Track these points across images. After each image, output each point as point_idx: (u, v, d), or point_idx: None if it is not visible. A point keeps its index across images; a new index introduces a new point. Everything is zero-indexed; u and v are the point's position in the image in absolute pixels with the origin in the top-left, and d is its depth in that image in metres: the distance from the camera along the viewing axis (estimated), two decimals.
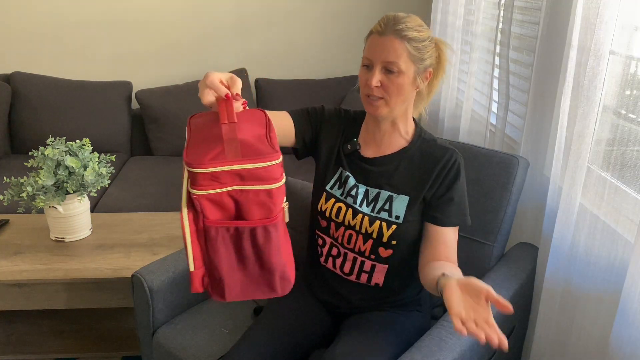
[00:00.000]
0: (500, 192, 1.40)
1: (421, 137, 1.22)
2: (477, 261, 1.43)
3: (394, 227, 1.17)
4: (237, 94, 0.90)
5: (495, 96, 1.77)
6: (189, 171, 0.82)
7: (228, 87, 0.90)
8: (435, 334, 1.13)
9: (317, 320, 1.29)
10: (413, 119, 1.24)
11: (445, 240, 1.17)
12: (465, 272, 1.42)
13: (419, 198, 1.17)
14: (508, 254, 1.47)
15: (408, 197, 1.18)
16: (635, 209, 1.10)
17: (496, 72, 1.74)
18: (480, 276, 1.38)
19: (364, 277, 1.23)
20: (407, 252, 1.20)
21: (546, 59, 1.44)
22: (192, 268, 0.87)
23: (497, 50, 1.71)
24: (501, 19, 1.69)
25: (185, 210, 0.84)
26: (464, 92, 1.97)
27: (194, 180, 0.81)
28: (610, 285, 1.14)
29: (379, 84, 1.11)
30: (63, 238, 1.80)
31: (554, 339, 1.34)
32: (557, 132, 1.32)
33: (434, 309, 1.43)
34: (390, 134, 1.21)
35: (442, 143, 1.21)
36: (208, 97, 0.93)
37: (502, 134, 1.69)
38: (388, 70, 1.10)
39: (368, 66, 1.13)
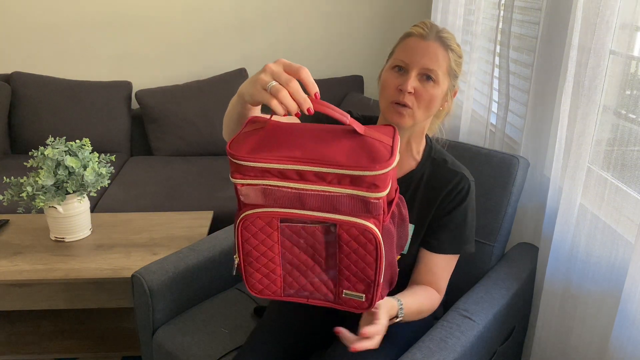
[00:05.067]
0: (500, 192, 1.40)
1: (431, 156, 1.15)
2: (477, 261, 1.42)
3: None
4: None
5: (495, 96, 1.77)
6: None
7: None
8: (436, 334, 1.13)
9: (317, 320, 1.28)
10: (426, 135, 1.17)
11: (432, 267, 1.12)
12: (466, 272, 1.43)
13: (424, 226, 1.13)
14: (508, 254, 1.47)
15: (413, 226, 1.13)
16: (636, 209, 1.10)
17: (496, 72, 1.74)
18: (480, 276, 1.38)
19: None
20: (410, 277, 1.17)
21: (546, 59, 1.44)
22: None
23: (497, 50, 1.71)
24: (501, 19, 1.69)
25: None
26: (464, 92, 1.97)
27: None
28: (610, 285, 1.14)
29: (413, 91, 1.02)
30: (63, 238, 1.80)
31: (554, 339, 1.34)
32: (557, 132, 1.32)
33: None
34: (403, 153, 1.13)
35: (452, 165, 1.13)
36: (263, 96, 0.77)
37: (502, 134, 1.68)
38: (425, 77, 1.02)
39: (401, 69, 1.04)
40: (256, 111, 0.91)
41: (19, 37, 2.93)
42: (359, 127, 0.80)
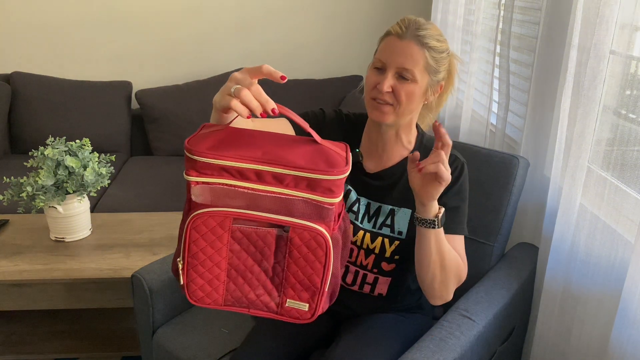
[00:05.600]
0: (500, 192, 1.40)
1: (422, 144, 1.17)
2: (477, 261, 1.42)
3: (396, 242, 1.15)
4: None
5: (495, 96, 1.77)
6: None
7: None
8: (436, 334, 1.13)
9: (317, 320, 1.28)
10: (417, 125, 1.19)
11: None
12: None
13: None
14: (508, 254, 1.47)
15: (410, 210, 1.15)
16: (636, 209, 1.10)
17: (496, 72, 1.74)
18: (480, 276, 1.38)
19: (366, 288, 1.22)
20: (411, 264, 1.15)
21: (546, 58, 1.44)
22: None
23: (497, 50, 1.71)
24: (501, 18, 1.69)
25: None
26: (464, 92, 1.97)
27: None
28: (610, 285, 1.14)
29: (390, 90, 1.06)
30: (63, 238, 1.80)
31: (554, 339, 1.34)
32: (557, 132, 1.32)
33: (435, 308, 1.43)
34: (393, 144, 1.16)
35: None
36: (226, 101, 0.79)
37: (502, 134, 1.69)
38: (402, 76, 1.05)
39: (380, 69, 1.08)
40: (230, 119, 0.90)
41: (19, 37, 2.93)
42: (316, 137, 0.82)
